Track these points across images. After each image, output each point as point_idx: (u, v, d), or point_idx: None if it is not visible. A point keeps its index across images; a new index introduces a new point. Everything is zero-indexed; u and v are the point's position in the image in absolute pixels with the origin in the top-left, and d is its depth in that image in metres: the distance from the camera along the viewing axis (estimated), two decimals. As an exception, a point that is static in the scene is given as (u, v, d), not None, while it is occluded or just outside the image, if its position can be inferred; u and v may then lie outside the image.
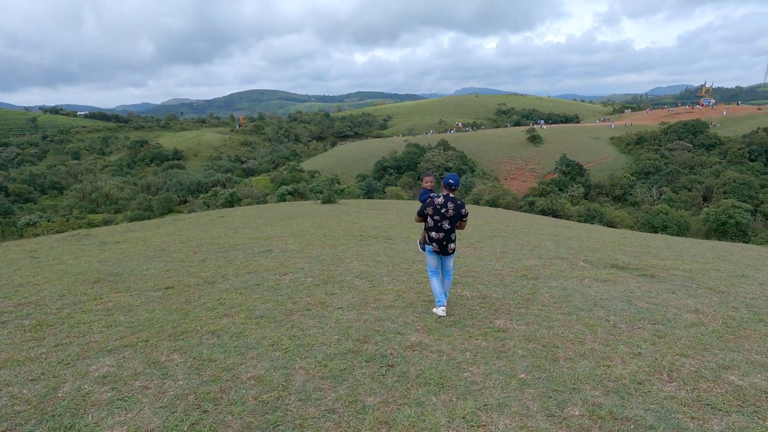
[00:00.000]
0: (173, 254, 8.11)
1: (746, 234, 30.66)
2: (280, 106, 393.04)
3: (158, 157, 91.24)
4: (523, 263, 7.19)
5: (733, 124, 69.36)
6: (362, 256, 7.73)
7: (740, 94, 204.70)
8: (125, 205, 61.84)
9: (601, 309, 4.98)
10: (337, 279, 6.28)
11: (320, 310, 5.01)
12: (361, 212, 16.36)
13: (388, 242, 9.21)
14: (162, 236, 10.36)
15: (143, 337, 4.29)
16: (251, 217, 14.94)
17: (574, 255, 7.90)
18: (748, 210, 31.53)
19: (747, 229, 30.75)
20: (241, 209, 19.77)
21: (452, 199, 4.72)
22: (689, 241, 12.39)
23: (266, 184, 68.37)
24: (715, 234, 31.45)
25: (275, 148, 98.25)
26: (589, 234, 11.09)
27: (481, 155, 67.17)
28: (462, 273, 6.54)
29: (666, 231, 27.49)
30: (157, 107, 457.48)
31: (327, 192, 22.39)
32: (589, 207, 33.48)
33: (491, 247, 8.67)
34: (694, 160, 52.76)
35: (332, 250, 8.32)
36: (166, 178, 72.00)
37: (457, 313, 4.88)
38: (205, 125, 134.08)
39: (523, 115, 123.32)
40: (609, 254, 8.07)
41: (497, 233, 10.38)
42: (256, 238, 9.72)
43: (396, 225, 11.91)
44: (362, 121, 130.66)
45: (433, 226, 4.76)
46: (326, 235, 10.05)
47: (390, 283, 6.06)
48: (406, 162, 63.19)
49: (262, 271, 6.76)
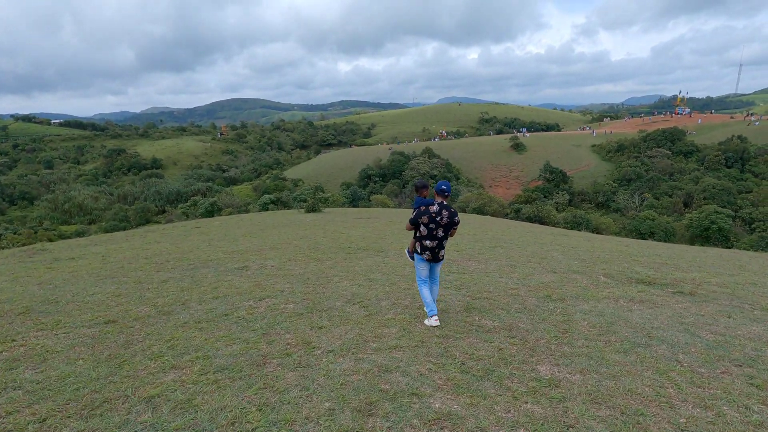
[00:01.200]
0: (131, 274, 7.15)
1: (728, 239, 30.99)
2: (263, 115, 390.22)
3: (136, 166, 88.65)
4: (539, 279, 6.49)
5: (707, 132, 71.29)
6: (353, 273, 6.89)
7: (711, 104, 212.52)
8: (100, 216, 59.45)
9: (660, 343, 4.12)
10: (324, 305, 5.35)
11: (304, 354, 3.95)
12: (347, 221, 15.55)
13: (380, 255, 8.42)
14: (126, 251, 9.35)
15: (41, 414, 3.03)
16: (230, 228, 13.98)
17: (588, 268, 7.27)
18: (730, 215, 31.92)
19: (729, 235, 31.09)
20: (219, 219, 18.73)
21: (446, 207, 4.69)
22: (690, 248, 11.97)
23: (248, 193, 66.96)
24: (699, 239, 31.70)
25: (258, 157, 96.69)
26: (590, 242, 10.55)
27: (466, 163, 67.25)
28: (474, 294, 5.70)
29: (653, 237, 27.49)
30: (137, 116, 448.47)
31: (311, 200, 21.52)
32: (575, 214, 33.41)
33: (496, 259, 8.00)
34: (674, 167, 53.77)
35: (318, 266, 7.48)
36: (144, 188, 69.75)
37: (485, 355, 3.89)
38: (185, 133, 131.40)
39: (505, 124, 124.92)
40: (625, 266, 7.46)
41: (497, 243, 9.75)
42: (232, 252, 8.83)
43: (386, 235, 11.17)
44: (346, 130, 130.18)
45: (427, 234, 4.69)
46: (311, 248, 9.24)
47: (390, 310, 5.16)
48: (391, 170, 62.71)
49: (233, 296, 5.80)
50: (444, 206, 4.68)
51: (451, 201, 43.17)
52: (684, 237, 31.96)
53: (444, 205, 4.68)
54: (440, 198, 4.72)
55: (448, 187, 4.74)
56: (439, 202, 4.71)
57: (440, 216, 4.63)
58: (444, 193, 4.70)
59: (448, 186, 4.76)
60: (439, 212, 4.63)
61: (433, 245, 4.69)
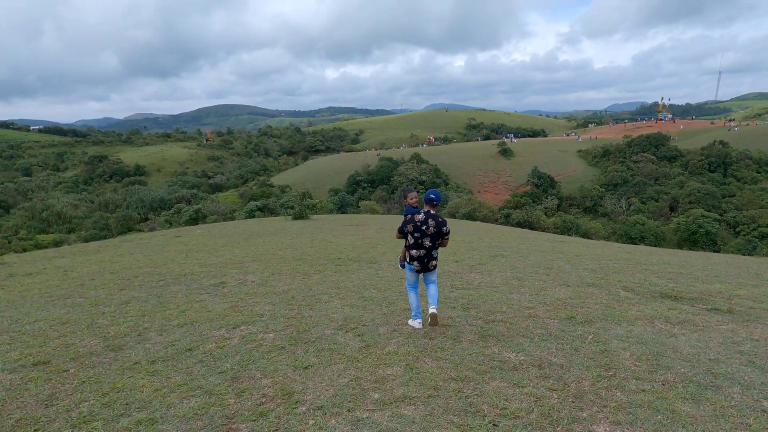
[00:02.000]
0: (90, 293, 6.35)
1: (716, 243, 31.21)
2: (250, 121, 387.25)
3: (118, 173, 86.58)
4: (553, 295, 5.87)
5: (689, 137, 72.69)
6: (344, 290, 6.20)
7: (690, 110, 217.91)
8: (79, 224, 57.62)
9: (730, 384, 3.37)
10: (311, 334, 4.52)
11: (284, 413, 3.04)
12: (336, 229, 14.93)
13: (373, 267, 7.76)
14: (93, 264, 8.57)
15: None
16: (212, 237, 13.24)
17: (602, 279, 6.71)
18: (716, 219, 32.17)
19: (716, 238, 31.30)
20: (201, 227, 17.92)
21: (433, 216, 4.59)
22: (693, 254, 11.58)
23: (234, 199, 65.85)
24: (686, 243, 31.85)
25: (244, 163, 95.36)
26: (590, 249, 10.10)
27: (454, 168, 67.22)
28: (486, 315, 5.03)
29: (644, 241, 27.44)
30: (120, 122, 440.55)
31: (298, 207, 20.83)
32: (564, 219, 33.31)
33: (500, 270, 7.42)
34: (659, 172, 54.46)
35: (304, 281, 6.78)
36: (126, 195, 67.98)
37: (520, 409, 3.03)
38: (170, 140, 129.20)
39: (492, 130, 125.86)
40: (640, 277, 6.93)
41: (496, 251, 9.19)
42: (210, 266, 8.11)
43: (378, 244, 10.53)
44: (334, 136, 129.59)
45: (413, 244, 4.60)
46: (297, 259, 8.56)
47: (390, 339, 4.35)
48: (379, 176, 62.26)
49: (203, 322, 4.95)
50: (431, 215, 4.58)
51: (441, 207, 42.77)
52: (672, 241, 32.09)
53: (431, 215, 4.58)
54: (428, 207, 4.62)
55: (438, 196, 4.63)
56: (425, 210, 4.62)
57: (426, 225, 4.53)
58: (432, 202, 4.60)
59: (438, 195, 4.65)
60: (425, 221, 4.54)
61: (420, 254, 4.58)
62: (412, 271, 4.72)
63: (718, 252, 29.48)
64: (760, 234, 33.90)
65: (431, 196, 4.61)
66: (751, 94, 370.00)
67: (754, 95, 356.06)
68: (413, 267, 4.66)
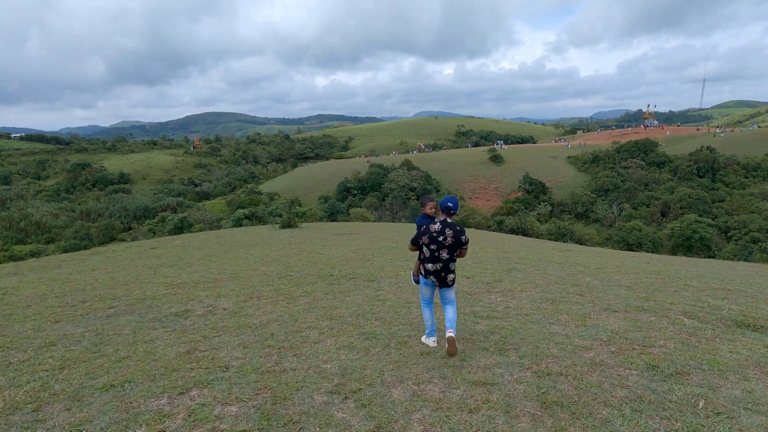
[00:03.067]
0: (12, 328, 5.13)
1: (710, 248, 30.99)
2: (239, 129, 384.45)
3: (101, 181, 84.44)
4: (605, 326, 4.77)
5: (676, 143, 73.54)
6: (338, 322, 5.06)
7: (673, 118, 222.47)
8: (59, 234, 55.61)
9: None
10: (293, 406, 3.16)
11: None
12: (326, 238, 14.02)
13: (371, 287, 6.70)
14: (43, 283, 7.49)
15: None
16: (190, 249, 12.23)
17: (650, 302, 5.67)
18: (710, 224, 31.99)
19: (711, 244, 31.08)
20: (181, 238, 16.84)
21: (450, 225, 4.25)
22: (716, 263, 10.75)
23: (222, 207, 64.49)
24: (681, 249, 31.59)
25: (232, 171, 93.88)
26: (607, 259, 9.28)
27: (445, 175, 66.85)
28: (535, 362, 3.87)
29: (641, 248, 27.01)
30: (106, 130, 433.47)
31: (286, 215, 19.86)
32: (559, 225, 32.83)
33: (522, 288, 6.46)
34: (648, 177, 54.68)
35: (288, 309, 5.63)
36: (109, 204, 66.06)
37: None
38: (156, 147, 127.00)
39: (482, 136, 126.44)
40: (690, 297, 5.93)
41: (508, 264, 8.31)
42: (178, 286, 7.05)
43: (374, 255, 9.58)
44: (323, 143, 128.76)
45: (429, 257, 4.25)
46: (282, 276, 7.55)
47: (412, 414, 3.05)
48: (370, 183, 61.51)
49: (139, 382, 3.59)
50: (448, 224, 4.23)
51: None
52: (666, 247, 31.79)
53: (448, 223, 4.24)
54: (444, 215, 4.29)
55: (455, 204, 4.28)
56: (442, 219, 4.28)
57: (443, 235, 4.19)
58: (449, 211, 4.26)
59: (455, 202, 4.29)
60: (442, 231, 4.20)
61: (436, 268, 4.22)
62: (428, 285, 4.36)
63: (713, 257, 29.24)
64: (752, 239, 33.89)
65: (448, 204, 4.24)
66: (731, 101, 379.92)
67: (734, 103, 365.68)
68: (429, 281, 4.29)
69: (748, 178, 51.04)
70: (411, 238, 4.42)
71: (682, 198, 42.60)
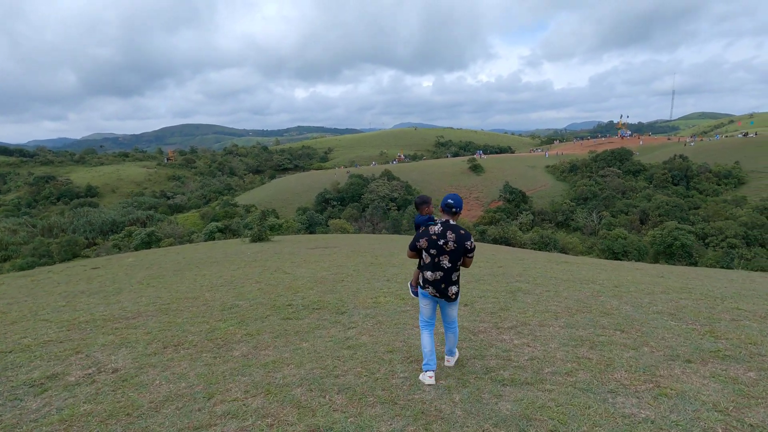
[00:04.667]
0: None
1: (692, 255, 30.92)
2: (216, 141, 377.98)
3: (67, 195, 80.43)
4: (695, 394, 3.32)
5: (649, 152, 75.29)
6: (278, 400, 3.35)
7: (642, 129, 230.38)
8: (17, 251, 52.02)
9: None
10: None
11: None
12: (298, 252, 12.68)
13: (340, 322, 5.19)
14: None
15: None
16: (138, 268, 10.70)
17: (718, 339, 4.49)
18: (691, 231, 32.01)
19: (692, 251, 31.03)
20: (136, 255, 15.17)
21: (453, 227, 3.65)
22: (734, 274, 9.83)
23: (195, 221, 62.05)
24: (663, 256, 31.43)
25: (207, 182, 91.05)
26: (617, 274, 8.22)
27: (426, 185, 66.34)
28: None
29: (627, 256, 26.56)
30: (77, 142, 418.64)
31: (257, 228, 18.37)
32: (542, 234, 32.27)
33: (540, 322, 5.05)
34: (625, 185, 55.40)
35: (210, 370, 3.95)
36: (74, 218, 62.50)
37: None
38: (127, 159, 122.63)
39: (461, 147, 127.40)
40: (759, 328, 4.75)
41: (509, 283, 7.17)
42: (78, 326, 5.42)
43: (349, 275, 8.26)
44: (302, 154, 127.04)
45: (428, 264, 3.67)
46: (227, 307, 6.08)
47: None
48: (349, 193, 60.29)
49: None
50: (450, 226, 3.66)
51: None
52: (650, 254, 31.59)
53: (450, 225, 3.67)
54: (446, 216, 3.73)
55: (457, 202, 3.70)
56: (443, 220, 3.70)
57: (444, 239, 3.62)
58: (451, 209, 3.69)
59: (457, 200, 3.71)
60: (443, 234, 3.64)
61: (436, 278, 3.65)
62: (427, 297, 3.74)
63: (695, 265, 29.11)
64: (729, 245, 34.14)
65: (449, 201, 3.66)
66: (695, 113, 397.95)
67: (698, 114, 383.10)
68: (427, 292, 3.69)
69: (720, 186, 52.20)
70: (410, 242, 3.79)
71: (659, 205, 42.98)
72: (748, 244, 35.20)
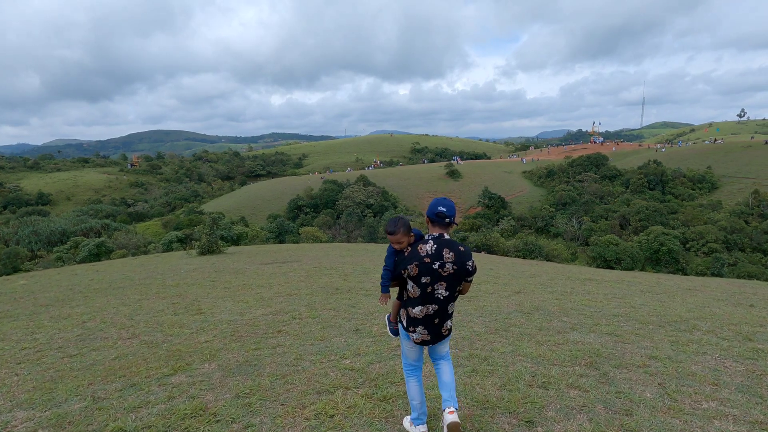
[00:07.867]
0: None
1: (678, 261, 29.85)
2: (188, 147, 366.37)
3: (15, 203, 74.17)
4: None
5: (622, 158, 75.97)
6: None
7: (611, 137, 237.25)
8: (-52, 266, 46.48)
9: None
10: None
11: None
12: (246, 270, 10.03)
13: None
14: None
15: None
16: (32, 294, 7.85)
17: None
18: (677, 237, 30.97)
19: (678, 256, 29.95)
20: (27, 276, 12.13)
21: (450, 244, 2.57)
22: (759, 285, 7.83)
23: (157, 230, 57.86)
24: (650, 262, 30.25)
25: (172, 189, 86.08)
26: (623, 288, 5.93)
27: (403, 191, 64.38)
28: None
29: (620, 264, 24.99)
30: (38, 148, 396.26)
31: (206, 238, 15.54)
32: (526, 241, 30.51)
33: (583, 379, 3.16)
34: (603, 190, 54.96)
35: None
36: (19, 228, 56.98)
37: None
38: (87, 165, 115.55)
39: (437, 153, 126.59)
40: None
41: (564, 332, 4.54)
42: None
43: (297, 317, 5.51)
44: (276, 160, 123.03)
45: (419, 296, 2.53)
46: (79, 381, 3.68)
47: None
48: (323, 200, 57.49)
49: None
50: (445, 242, 2.53)
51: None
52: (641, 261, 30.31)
53: (445, 241, 2.54)
54: (437, 228, 2.57)
55: (450, 209, 2.52)
56: (436, 236, 2.56)
57: (440, 260, 2.49)
58: (444, 220, 2.53)
59: (450, 206, 2.54)
60: (437, 254, 2.50)
61: (428, 312, 2.53)
62: (410, 341, 2.65)
63: (683, 271, 27.99)
64: (710, 249, 33.50)
65: (440, 209, 2.49)
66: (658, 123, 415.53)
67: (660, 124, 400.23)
68: (414, 339, 2.59)
69: (695, 190, 52.39)
70: (382, 269, 2.57)
71: (639, 210, 42.29)
72: (728, 248, 34.69)
